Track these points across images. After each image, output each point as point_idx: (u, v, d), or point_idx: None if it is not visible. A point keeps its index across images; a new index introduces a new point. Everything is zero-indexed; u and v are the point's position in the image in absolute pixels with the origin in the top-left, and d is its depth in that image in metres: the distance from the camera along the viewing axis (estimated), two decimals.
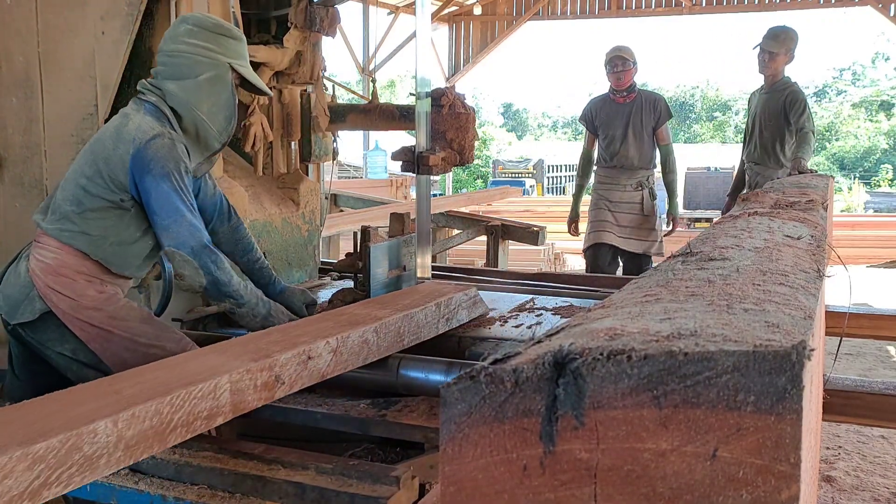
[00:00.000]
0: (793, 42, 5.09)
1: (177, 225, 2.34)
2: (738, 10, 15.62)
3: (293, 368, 1.87)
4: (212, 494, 1.76)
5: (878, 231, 12.69)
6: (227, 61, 2.45)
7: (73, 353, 2.37)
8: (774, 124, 5.02)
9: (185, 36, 2.44)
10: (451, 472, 0.66)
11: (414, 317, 2.39)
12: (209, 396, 1.62)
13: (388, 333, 2.24)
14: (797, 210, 1.89)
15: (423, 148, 2.97)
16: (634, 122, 5.17)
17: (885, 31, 35.88)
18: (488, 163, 26.91)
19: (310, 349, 1.92)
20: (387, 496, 1.66)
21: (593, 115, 5.36)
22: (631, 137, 5.17)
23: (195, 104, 2.43)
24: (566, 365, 0.63)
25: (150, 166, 2.31)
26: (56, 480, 1.30)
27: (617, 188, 5.24)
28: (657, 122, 5.20)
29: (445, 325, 2.58)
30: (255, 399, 1.75)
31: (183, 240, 2.34)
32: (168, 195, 2.32)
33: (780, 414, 0.58)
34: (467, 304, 2.72)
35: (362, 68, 15.40)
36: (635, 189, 5.23)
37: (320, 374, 1.96)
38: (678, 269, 1.11)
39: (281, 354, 1.84)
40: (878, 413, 2.60)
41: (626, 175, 5.23)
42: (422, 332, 2.43)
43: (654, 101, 5.27)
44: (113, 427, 1.40)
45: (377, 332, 2.18)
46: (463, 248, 7.80)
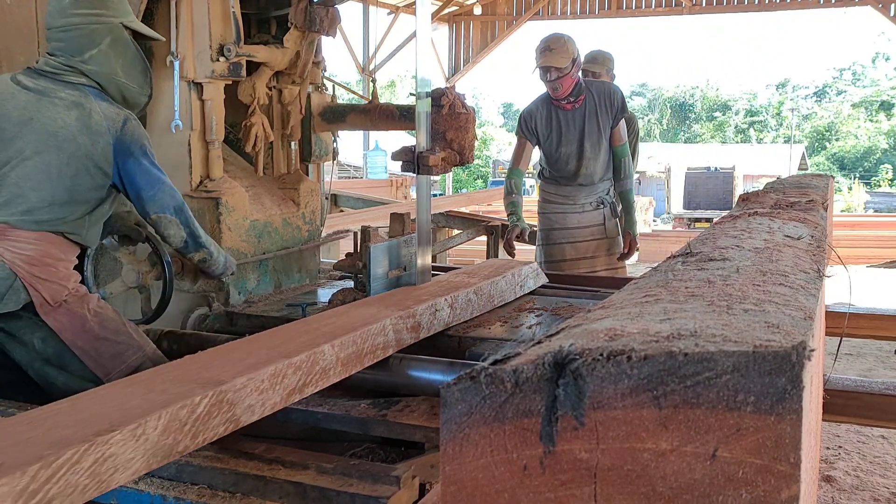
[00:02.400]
0: (611, 62, 4.68)
1: (161, 192, 2.53)
2: (738, 10, 15.63)
3: (427, 317, 2.47)
4: (212, 494, 1.76)
5: (878, 231, 12.71)
6: (118, 21, 2.50)
7: (42, 347, 2.37)
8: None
9: (72, 7, 2.46)
10: (451, 472, 0.66)
11: (498, 283, 2.98)
12: (381, 333, 2.22)
13: (483, 295, 2.84)
14: (797, 210, 1.90)
15: (423, 148, 2.97)
16: (590, 131, 4.10)
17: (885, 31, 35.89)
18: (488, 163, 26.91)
19: (435, 303, 2.54)
20: (387, 496, 1.66)
21: (539, 126, 4.15)
22: (589, 150, 4.11)
23: (112, 72, 2.49)
24: (566, 365, 0.63)
25: (130, 149, 2.46)
26: (310, 382, 1.91)
27: (574, 210, 4.23)
28: (614, 119, 4.13)
29: (519, 290, 3.09)
30: (408, 338, 2.34)
31: (166, 203, 2.54)
32: (149, 169, 2.51)
33: (780, 414, 0.59)
34: (532, 274, 3.27)
35: (362, 68, 15.40)
36: (595, 208, 4.23)
37: (444, 323, 2.57)
38: (678, 269, 1.11)
39: (417, 307, 2.44)
40: (878, 413, 2.60)
41: (584, 192, 4.20)
42: (504, 295, 2.98)
43: (609, 95, 4.14)
44: (331, 350, 2.00)
45: (477, 293, 2.79)
46: (463, 248, 7.80)
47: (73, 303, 2.39)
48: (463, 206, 8.33)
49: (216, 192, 3.09)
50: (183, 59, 2.98)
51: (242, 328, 2.98)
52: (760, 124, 42.85)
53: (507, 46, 17.68)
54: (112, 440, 1.34)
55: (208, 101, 3.10)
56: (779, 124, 42.11)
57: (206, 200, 3.09)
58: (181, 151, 3.09)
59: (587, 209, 4.22)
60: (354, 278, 2.91)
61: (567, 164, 4.17)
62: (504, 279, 2.99)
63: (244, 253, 3.21)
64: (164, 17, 3.01)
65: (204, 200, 3.09)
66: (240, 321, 3.05)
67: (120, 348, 2.41)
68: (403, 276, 2.91)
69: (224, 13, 3.06)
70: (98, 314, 2.43)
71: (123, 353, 2.41)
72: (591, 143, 4.11)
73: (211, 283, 3.10)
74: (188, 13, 2.99)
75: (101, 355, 2.38)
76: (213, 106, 3.11)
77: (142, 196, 2.51)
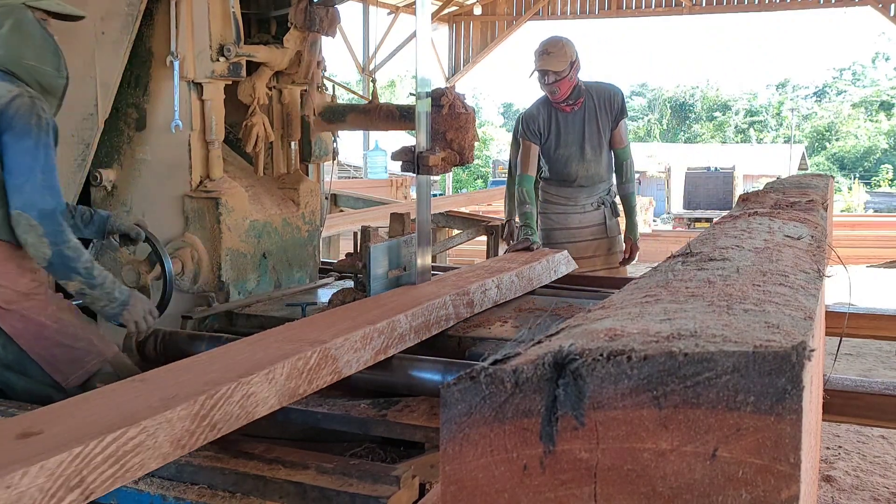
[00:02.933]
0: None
1: (30, 185, 2.22)
2: (738, 10, 15.63)
3: (479, 295, 2.80)
4: (212, 494, 1.76)
5: (878, 231, 12.70)
6: (20, 2, 2.36)
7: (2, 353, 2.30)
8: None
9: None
10: (451, 472, 0.66)
11: (535, 267, 3.33)
12: (443, 307, 2.58)
13: (524, 278, 3.17)
14: (797, 210, 1.90)
15: (423, 148, 2.97)
16: (591, 133, 4.07)
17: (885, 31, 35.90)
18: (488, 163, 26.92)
19: (484, 283, 2.87)
20: (387, 496, 1.66)
21: (541, 129, 4.11)
22: (590, 152, 4.09)
23: (19, 56, 2.34)
24: (566, 365, 0.63)
25: (11, 123, 2.22)
26: (391, 345, 2.24)
27: (574, 210, 4.21)
28: (614, 122, 4.11)
29: (553, 275, 3.44)
30: (465, 312, 2.69)
31: (32, 201, 2.22)
32: (25, 153, 2.23)
33: (779, 414, 0.59)
34: (564, 261, 3.61)
35: (362, 68, 15.40)
36: (596, 209, 4.22)
37: (492, 301, 2.91)
38: (678, 269, 1.11)
39: (470, 286, 2.79)
40: (878, 413, 2.60)
41: (585, 193, 4.19)
42: (541, 278, 3.36)
43: (609, 97, 4.09)
44: (405, 319, 2.35)
45: (518, 276, 3.13)
46: (463, 248, 7.79)
47: (30, 307, 2.31)
48: (463, 206, 8.33)
49: (216, 192, 3.09)
50: (183, 59, 2.98)
51: (242, 328, 2.98)
52: (760, 124, 42.85)
53: (507, 46, 17.68)
54: (252, 381, 1.69)
55: (208, 101, 3.10)
56: (779, 124, 42.12)
57: (206, 200, 3.09)
58: (181, 151, 3.09)
59: (588, 209, 4.20)
60: (354, 278, 2.91)
61: (566, 166, 4.13)
62: (540, 264, 3.38)
63: (244, 253, 3.21)
64: (164, 17, 3.01)
65: (204, 200, 3.09)
66: (240, 321, 3.05)
67: (78, 354, 2.34)
68: (403, 276, 2.91)
69: (224, 13, 3.06)
70: (59, 320, 2.35)
71: (82, 358, 2.34)
72: (592, 145, 4.09)
73: (211, 282, 3.10)
74: (188, 13, 2.99)
75: (58, 361, 2.31)
76: (213, 106, 3.11)
77: (7, 182, 2.22)
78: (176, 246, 3.06)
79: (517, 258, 3.42)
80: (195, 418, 1.53)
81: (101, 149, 3.14)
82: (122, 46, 2.97)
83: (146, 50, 3.08)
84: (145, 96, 3.13)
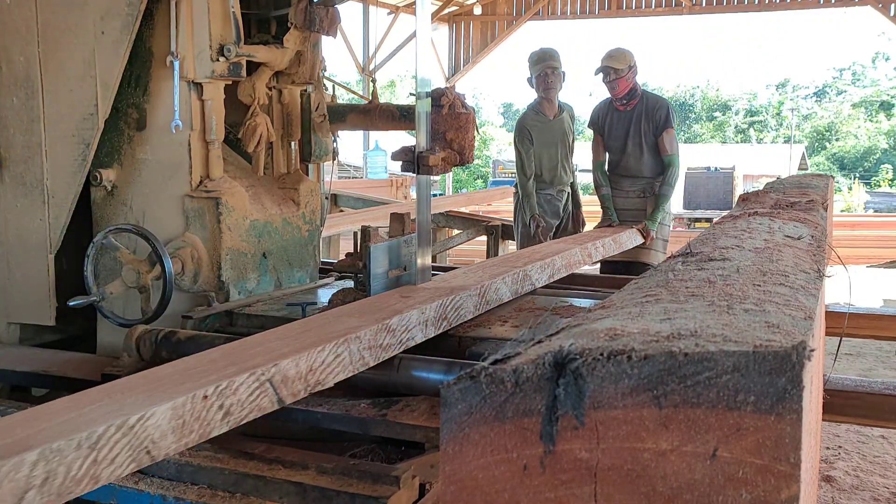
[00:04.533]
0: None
1: None
2: (738, 10, 15.63)
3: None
4: (212, 494, 1.76)
5: (878, 231, 12.70)
6: None
7: None
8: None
9: None
10: (451, 472, 0.66)
11: (621, 236, 4.40)
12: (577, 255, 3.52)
13: (566, 263, 3.58)
14: (797, 210, 1.90)
15: (423, 148, 2.97)
16: (634, 133, 4.81)
17: (885, 31, 35.90)
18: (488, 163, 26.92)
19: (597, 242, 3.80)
20: (387, 496, 1.66)
21: (601, 121, 4.98)
22: (630, 148, 4.83)
23: None
24: (566, 365, 0.63)
25: None
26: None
27: (619, 194, 4.95)
28: (656, 131, 4.80)
29: (589, 259, 3.96)
30: (587, 260, 3.72)
31: None
32: None
33: (780, 414, 0.59)
34: (634, 235, 4.61)
35: (362, 68, 15.40)
36: (638, 196, 4.91)
37: (601, 255, 3.91)
38: (678, 269, 1.11)
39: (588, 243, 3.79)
40: (878, 413, 2.60)
41: (628, 182, 4.93)
42: (625, 245, 4.43)
43: (655, 108, 4.83)
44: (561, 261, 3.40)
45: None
46: (463, 248, 7.80)
47: None
48: (463, 206, 8.32)
49: (216, 192, 3.09)
50: (183, 59, 2.98)
51: (242, 328, 2.98)
52: (760, 124, 42.85)
53: (507, 46, 17.68)
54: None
55: (208, 101, 3.10)
56: (779, 124, 42.12)
57: (206, 200, 3.09)
58: (181, 151, 3.09)
59: (630, 196, 4.92)
60: (354, 278, 2.91)
61: (612, 154, 4.97)
62: (624, 234, 4.49)
63: (244, 253, 3.21)
64: (164, 17, 3.01)
65: (204, 200, 3.09)
66: (240, 321, 3.05)
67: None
68: (403, 276, 2.91)
69: (224, 13, 3.06)
70: None
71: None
72: (634, 143, 4.82)
73: (211, 282, 3.10)
74: (188, 13, 2.99)
75: None
76: (213, 106, 3.11)
77: None
78: (176, 246, 3.06)
79: (606, 231, 4.54)
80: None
81: (101, 149, 3.14)
82: (122, 46, 2.97)
83: (146, 50, 3.08)
84: (145, 96, 3.13)
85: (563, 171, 5.08)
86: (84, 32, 3.01)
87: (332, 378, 1.88)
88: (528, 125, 5.02)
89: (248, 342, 1.94)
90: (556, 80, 4.92)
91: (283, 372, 1.70)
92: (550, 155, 5.04)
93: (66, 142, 3.10)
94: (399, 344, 2.18)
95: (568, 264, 3.55)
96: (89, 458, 1.30)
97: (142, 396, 1.48)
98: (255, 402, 1.63)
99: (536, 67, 4.93)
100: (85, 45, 3.02)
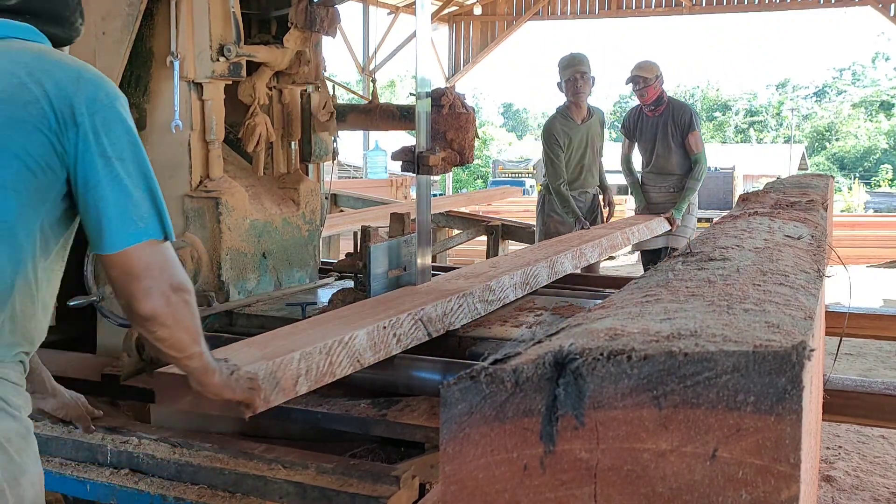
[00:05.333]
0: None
1: None
2: (738, 10, 15.63)
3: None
4: (212, 494, 1.76)
5: (878, 231, 12.69)
6: None
7: None
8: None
9: None
10: (452, 472, 0.66)
11: (651, 223, 5.10)
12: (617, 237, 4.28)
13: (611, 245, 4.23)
14: (797, 210, 1.90)
15: (423, 148, 2.97)
16: (662, 136, 5.43)
17: (885, 31, 35.90)
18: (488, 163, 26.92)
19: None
20: (387, 496, 1.66)
21: (632, 126, 5.63)
22: (660, 149, 5.46)
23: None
24: (566, 365, 0.63)
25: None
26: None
27: (653, 189, 5.55)
28: (683, 133, 5.40)
29: (627, 242, 4.75)
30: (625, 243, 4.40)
31: None
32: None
33: (779, 414, 0.59)
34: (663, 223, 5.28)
35: (362, 68, 15.39)
36: (669, 191, 5.49)
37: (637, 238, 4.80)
38: (678, 269, 1.11)
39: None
40: (878, 413, 2.60)
41: (660, 179, 5.53)
42: (656, 231, 5.13)
43: (680, 113, 5.44)
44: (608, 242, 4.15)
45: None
46: (463, 248, 7.80)
47: None
48: (463, 206, 8.32)
49: (216, 192, 3.09)
50: (183, 59, 2.98)
51: (242, 328, 2.98)
52: (760, 124, 42.86)
53: (507, 46, 17.67)
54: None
55: (208, 101, 3.09)
56: (779, 124, 42.12)
57: (206, 200, 3.08)
58: (181, 151, 3.09)
59: (662, 191, 5.53)
60: (354, 278, 2.91)
61: (644, 154, 5.64)
62: (654, 221, 5.17)
63: (244, 252, 3.21)
64: (164, 17, 3.01)
65: (204, 200, 3.08)
66: (240, 321, 3.05)
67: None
68: (403, 276, 2.91)
69: (224, 13, 3.06)
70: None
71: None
72: (663, 145, 5.46)
73: (211, 282, 3.10)
74: (188, 13, 2.99)
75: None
76: (213, 106, 3.11)
77: None
78: (176, 246, 3.04)
79: (639, 219, 5.20)
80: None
81: None
82: (123, 46, 2.97)
83: (146, 50, 3.08)
84: (145, 96, 3.13)
85: (587, 174, 5.33)
86: (84, 32, 3.00)
87: (459, 321, 2.55)
88: (555, 129, 5.21)
89: (390, 296, 2.64)
90: (585, 84, 5.13)
91: (427, 314, 2.36)
92: (577, 158, 5.26)
93: None
94: (498, 301, 2.84)
95: (612, 245, 4.29)
96: (327, 360, 1.93)
97: (343, 327, 2.10)
98: (413, 333, 2.27)
99: (566, 72, 5.13)
100: (85, 46, 3.01)
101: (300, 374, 1.82)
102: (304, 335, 2.02)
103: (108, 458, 1.88)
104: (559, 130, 5.19)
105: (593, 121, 5.28)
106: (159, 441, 1.88)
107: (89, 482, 1.84)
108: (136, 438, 1.90)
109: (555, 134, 5.20)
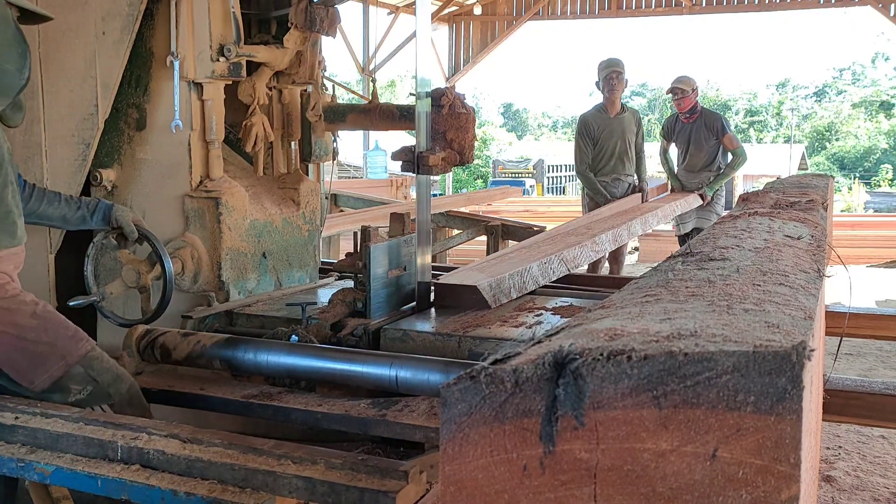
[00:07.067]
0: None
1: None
2: (738, 10, 15.62)
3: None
4: (223, 489, 1.77)
5: (878, 231, 12.68)
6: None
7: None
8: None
9: None
10: (451, 472, 0.66)
11: (688, 198, 6.36)
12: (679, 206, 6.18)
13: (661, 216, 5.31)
14: (797, 210, 1.90)
15: (423, 148, 2.97)
16: (696, 140, 6.61)
17: (885, 31, 35.89)
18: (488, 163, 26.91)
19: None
20: (395, 490, 1.66)
21: (670, 129, 6.86)
22: (693, 150, 6.66)
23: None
24: (566, 365, 0.63)
25: None
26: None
27: (687, 184, 6.68)
28: (716, 138, 6.58)
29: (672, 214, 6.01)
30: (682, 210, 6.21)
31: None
32: None
33: (780, 414, 0.59)
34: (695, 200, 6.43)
35: (362, 68, 15.39)
36: (699, 186, 6.61)
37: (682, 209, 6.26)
38: (678, 269, 1.11)
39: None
40: (878, 413, 2.60)
41: (690, 176, 6.71)
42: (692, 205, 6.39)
43: (712, 121, 6.66)
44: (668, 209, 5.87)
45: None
46: (463, 248, 7.79)
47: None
48: (463, 206, 8.31)
49: (216, 192, 3.09)
50: (183, 59, 2.98)
51: (242, 328, 2.98)
52: (760, 124, 42.83)
53: (507, 46, 17.66)
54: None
55: (208, 101, 3.10)
56: (779, 124, 42.10)
57: (206, 200, 3.09)
58: (181, 151, 3.09)
59: (692, 185, 6.61)
60: (354, 278, 2.91)
61: (681, 154, 6.78)
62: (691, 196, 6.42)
63: (244, 252, 3.21)
64: (164, 17, 3.01)
65: (204, 200, 3.09)
66: (240, 321, 3.05)
67: (40, 359, 2.29)
68: (403, 276, 2.91)
69: (224, 13, 3.06)
70: (16, 325, 2.29)
71: (44, 363, 2.28)
72: (696, 146, 6.62)
73: (211, 282, 3.11)
74: (188, 13, 2.99)
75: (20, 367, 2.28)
76: (213, 106, 3.11)
77: None
78: (176, 246, 3.06)
79: (677, 196, 6.37)
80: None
81: (101, 149, 3.14)
82: (123, 46, 2.97)
83: (146, 50, 3.08)
84: (145, 96, 3.13)
85: (619, 162, 6.22)
86: (84, 33, 3.01)
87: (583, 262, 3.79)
88: (589, 120, 6.26)
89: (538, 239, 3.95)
90: (619, 83, 6.15)
91: (564, 255, 3.44)
92: (608, 147, 6.18)
93: (66, 142, 3.10)
94: (596, 254, 4.00)
95: (664, 215, 5.64)
96: (517, 285, 3.00)
97: (517, 262, 3.22)
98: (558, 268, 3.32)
99: (604, 72, 6.13)
100: (85, 46, 3.02)
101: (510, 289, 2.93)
102: (506, 263, 3.20)
103: (118, 454, 1.90)
104: (590, 122, 6.21)
105: (627, 116, 6.25)
106: (169, 437, 1.89)
107: (100, 478, 1.85)
108: (147, 434, 1.91)
109: (585, 124, 6.23)
